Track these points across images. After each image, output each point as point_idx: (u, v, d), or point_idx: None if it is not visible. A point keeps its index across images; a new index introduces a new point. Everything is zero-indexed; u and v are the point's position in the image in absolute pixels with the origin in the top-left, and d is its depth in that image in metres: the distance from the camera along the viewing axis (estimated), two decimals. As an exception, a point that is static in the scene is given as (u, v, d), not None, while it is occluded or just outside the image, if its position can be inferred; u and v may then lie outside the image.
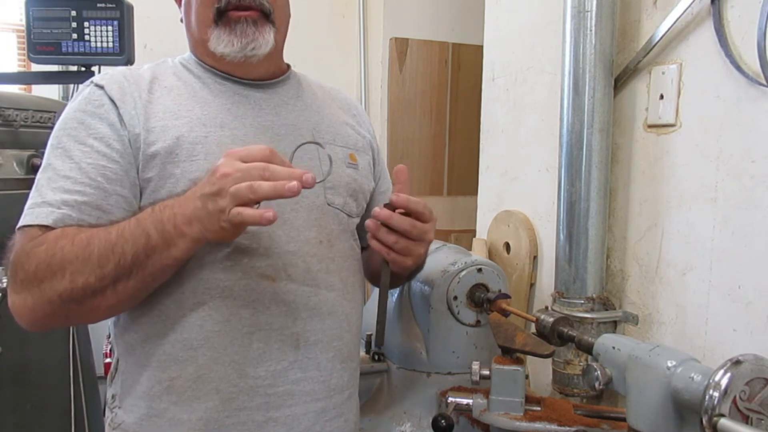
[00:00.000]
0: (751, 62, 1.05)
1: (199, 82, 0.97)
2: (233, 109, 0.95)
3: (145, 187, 0.89)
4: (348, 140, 1.05)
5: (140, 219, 0.82)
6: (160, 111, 0.92)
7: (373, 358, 1.25)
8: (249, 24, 0.93)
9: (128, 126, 0.89)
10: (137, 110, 0.90)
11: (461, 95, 3.06)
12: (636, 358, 0.78)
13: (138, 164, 0.89)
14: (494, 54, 1.75)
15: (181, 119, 0.91)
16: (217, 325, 0.88)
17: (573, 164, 1.28)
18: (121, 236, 0.80)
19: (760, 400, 0.68)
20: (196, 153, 0.89)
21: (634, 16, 1.29)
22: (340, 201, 0.99)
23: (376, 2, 3.01)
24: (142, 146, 0.88)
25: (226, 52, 0.93)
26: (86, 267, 0.79)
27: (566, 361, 1.27)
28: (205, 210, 0.78)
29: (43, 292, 0.80)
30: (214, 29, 0.93)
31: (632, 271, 1.31)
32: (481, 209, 1.81)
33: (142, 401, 0.90)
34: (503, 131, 1.70)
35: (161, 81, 0.96)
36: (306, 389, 0.92)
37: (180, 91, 0.95)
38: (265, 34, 0.94)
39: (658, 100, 1.23)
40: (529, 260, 1.56)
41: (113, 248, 0.80)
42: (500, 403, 1.01)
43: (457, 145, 3.09)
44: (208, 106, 0.94)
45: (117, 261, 0.79)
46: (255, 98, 0.98)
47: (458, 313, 1.17)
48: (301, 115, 1.01)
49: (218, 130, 0.92)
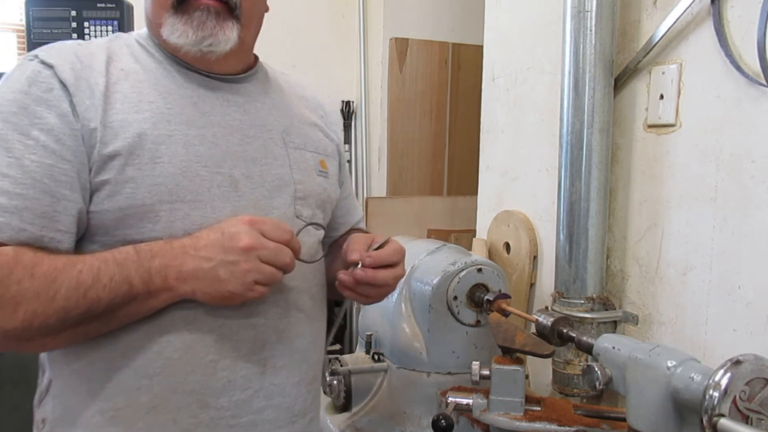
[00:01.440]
0: (751, 62, 1.05)
1: (160, 68, 0.86)
2: (200, 104, 0.85)
3: (98, 191, 0.78)
4: (318, 145, 0.99)
5: (122, 263, 0.73)
6: (118, 101, 0.80)
7: (373, 358, 1.25)
8: (210, 15, 0.82)
9: (82, 118, 0.77)
10: (94, 100, 0.78)
11: (461, 95, 3.06)
12: (636, 358, 0.78)
13: (91, 165, 0.77)
14: (494, 54, 1.75)
15: (142, 112, 0.81)
16: (177, 352, 0.80)
17: (573, 164, 1.28)
18: (98, 280, 0.72)
19: (760, 400, 0.68)
20: (159, 154, 0.79)
21: (634, 16, 1.29)
22: (309, 213, 0.92)
23: (376, 2, 3.01)
24: (98, 144, 0.77)
25: (180, 43, 0.82)
26: (48, 308, 0.70)
27: (566, 361, 1.27)
28: (214, 275, 0.74)
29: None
30: (170, 15, 0.82)
31: (632, 271, 1.31)
32: (481, 209, 1.81)
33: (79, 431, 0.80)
34: (503, 131, 1.70)
35: (117, 62, 0.84)
36: (270, 417, 0.86)
37: (140, 77, 0.84)
38: (227, 30, 0.83)
39: (658, 100, 1.23)
40: (529, 260, 1.56)
41: (86, 293, 0.71)
42: (500, 403, 1.01)
43: (457, 145, 3.09)
44: (172, 98, 0.84)
45: (88, 307, 0.72)
46: (222, 93, 0.89)
47: (458, 313, 1.17)
48: (270, 114, 0.94)
49: (184, 129, 0.82)
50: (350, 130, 3.09)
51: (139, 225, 0.78)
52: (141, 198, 0.77)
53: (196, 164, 0.82)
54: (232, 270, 0.74)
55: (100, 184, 0.78)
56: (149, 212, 0.78)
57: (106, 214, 0.78)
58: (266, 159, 0.89)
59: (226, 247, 0.75)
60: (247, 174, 0.86)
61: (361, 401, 1.23)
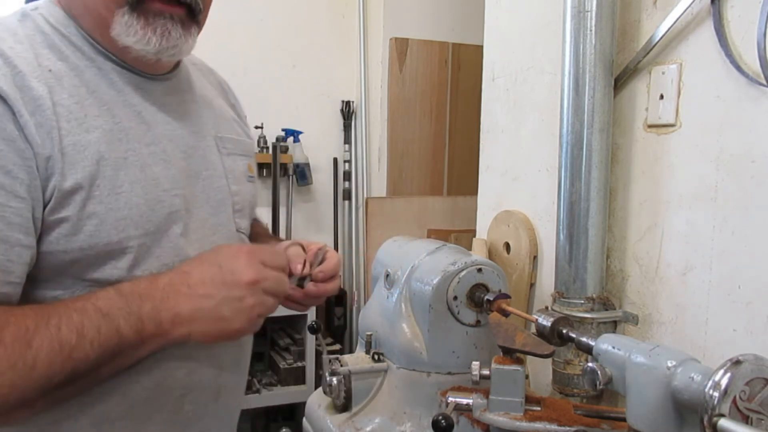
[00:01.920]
0: (751, 62, 1.05)
1: (92, 67, 0.73)
2: (143, 114, 0.76)
3: (53, 229, 0.67)
4: (244, 147, 0.93)
5: (107, 312, 0.64)
6: (63, 117, 0.67)
7: (373, 358, 1.25)
8: (175, 25, 0.74)
9: (33, 144, 0.64)
10: (41, 117, 0.65)
11: (461, 95, 3.06)
12: (636, 358, 0.78)
13: (47, 200, 0.66)
14: (494, 54, 1.75)
15: (92, 131, 0.69)
16: (145, 391, 0.73)
17: (573, 164, 1.28)
18: (82, 336, 0.61)
19: (760, 400, 0.68)
20: (120, 182, 0.70)
21: (634, 16, 1.29)
22: (245, 224, 0.88)
23: (376, 2, 3.01)
24: (56, 176, 0.65)
25: (137, 48, 0.72)
26: (28, 379, 0.59)
27: (566, 361, 1.27)
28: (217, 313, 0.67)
29: None
30: (126, 13, 0.71)
31: (632, 271, 1.31)
32: (481, 209, 1.81)
33: None
34: (503, 131, 1.70)
35: (43, 60, 0.69)
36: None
37: (73, 82, 0.70)
38: (190, 39, 0.77)
39: (658, 100, 1.23)
40: (529, 260, 1.56)
41: (71, 353, 0.60)
42: (500, 403, 1.00)
43: (457, 145, 3.09)
44: (116, 110, 0.73)
45: (74, 367, 0.61)
46: (158, 95, 0.80)
47: (458, 313, 1.17)
48: (201, 114, 0.87)
49: (137, 147, 0.73)
50: (350, 130, 3.10)
51: (101, 264, 0.69)
52: (106, 235, 0.68)
53: (156, 189, 0.74)
54: (238, 307, 0.68)
55: (57, 222, 0.67)
56: (114, 250, 0.69)
57: (61, 255, 0.67)
58: (207, 171, 0.83)
59: (228, 282, 0.68)
60: (194, 192, 0.80)
61: (361, 401, 1.23)
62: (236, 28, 2.91)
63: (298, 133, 2.96)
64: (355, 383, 1.22)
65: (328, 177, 3.12)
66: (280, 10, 2.98)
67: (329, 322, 3.01)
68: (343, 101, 3.10)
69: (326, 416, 1.25)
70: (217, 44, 2.87)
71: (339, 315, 3.01)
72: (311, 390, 2.54)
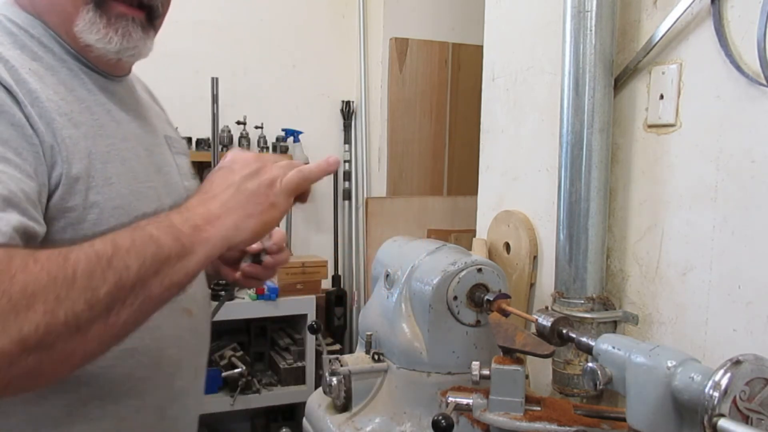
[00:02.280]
0: (751, 62, 1.05)
1: (64, 67, 0.75)
2: (113, 112, 0.79)
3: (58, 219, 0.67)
4: (184, 146, 0.97)
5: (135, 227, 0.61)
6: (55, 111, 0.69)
7: (373, 358, 1.25)
8: (135, 27, 0.76)
9: (38, 133, 0.65)
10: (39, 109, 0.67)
11: (461, 95, 3.06)
12: (636, 358, 0.78)
13: (52, 188, 0.66)
14: (494, 54, 1.75)
15: (79, 127, 0.71)
16: (146, 370, 0.76)
17: (573, 164, 1.28)
18: (118, 246, 0.58)
19: (760, 400, 0.68)
20: (109, 174, 0.73)
21: (634, 16, 1.29)
22: None
23: (376, 2, 3.01)
24: (61, 164, 0.67)
25: (99, 47, 0.75)
26: (72, 291, 0.55)
27: (566, 361, 1.27)
28: (246, 192, 0.65)
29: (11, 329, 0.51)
30: (90, 10, 0.74)
31: (632, 271, 1.31)
32: (481, 209, 1.81)
33: None
34: (503, 131, 1.70)
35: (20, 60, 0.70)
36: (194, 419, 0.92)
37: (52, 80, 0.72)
38: (148, 42, 0.79)
39: (658, 100, 1.23)
40: (529, 260, 1.56)
41: (110, 261, 0.57)
42: (500, 403, 1.01)
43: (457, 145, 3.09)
44: (93, 108, 0.75)
45: (118, 278, 0.57)
46: (119, 96, 0.82)
47: (458, 313, 1.17)
48: (151, 116, 0.91)
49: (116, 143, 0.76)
50: (350, 130, 3.10)
51: None
52: (106, 224, 0.69)
53: (135, 181, 0.77)
54: (259, 180, 0.66)
55: (65, 211, 0.67)
56: None
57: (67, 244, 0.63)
58: (166, 168, 0.87)
59: (237, 169, 0.67)
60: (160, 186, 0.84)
61: (361, 401, 1.23)
62: (236, 28, 2.91)
63: (298, 133, 2.96)
64: (355, 383, 1.22)
65: (328, 177, 3.11)
66: (280, 10, 2.98)
67: (329, 322, 3.01)
68: (343, 101, 3.10)
69: (326, 416, 1.25)
70: (217, 44, 2.88)
71: (339, 315, 3.01)
72: (311, 390, 2.54)
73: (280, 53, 3.01)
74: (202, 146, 2.78)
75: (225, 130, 2.81)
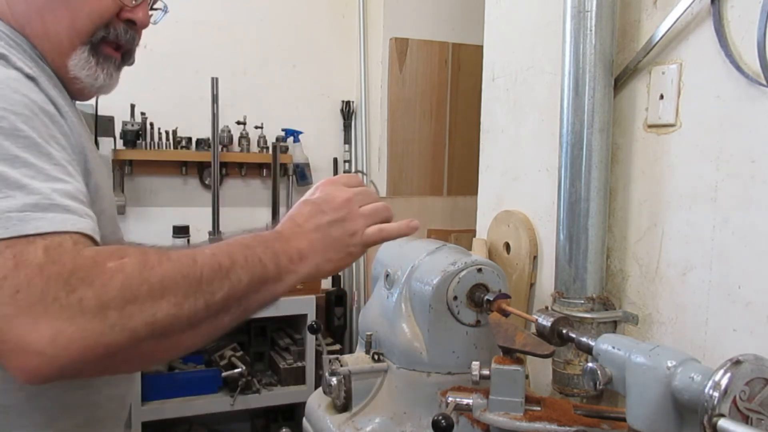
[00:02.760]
0: (751, 62, 1.05)
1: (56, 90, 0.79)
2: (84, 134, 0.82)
3: None
4: None
5: (248, 245, 0.70)
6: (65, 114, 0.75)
7: (373, 358, 1.25)
8: (115, 67, 0.85)
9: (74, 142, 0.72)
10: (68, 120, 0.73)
11: (461, 95, 3.06)
12: (636, 358, 0.78)
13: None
14: (494, 54, 1.75)
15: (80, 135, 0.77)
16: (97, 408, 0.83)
17: (573, 164, 1.28)
18: (234, 261, 0.67)
19: (760, 400, 0.68)
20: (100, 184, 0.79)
21: (634, 16, 1.29)
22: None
23: (376, 2, 3.01)
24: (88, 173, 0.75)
25: (86, 82, 0.83)
26: (197, 290, 0.63)
27: (566, 361, 1.27)
28: (330, 238, 0.74)
29: (126, 319, 0.58)
30: (86, 50, 0.82)
31: (632, 271, 1.31)
32: (481, 209, 1.81)
33: None
34: (503, 131, 1.70)
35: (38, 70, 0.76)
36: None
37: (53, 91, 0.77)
38: (118, 79, 0.88)
39: (658, 100, 1.23)
40: (529, 260, 1.56)
41: (228, 273, 0.65)
42: (500, 403, 1.00)
43: (457, 145, 3.09)
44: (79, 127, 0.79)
45: (231, 288, 0.65)
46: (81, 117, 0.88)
47: (458, 313, 1.17)
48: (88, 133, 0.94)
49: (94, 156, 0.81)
50: (350, 130, 3.10)
51: None
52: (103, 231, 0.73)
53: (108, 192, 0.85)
54: (344, 227, 0.75)
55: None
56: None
57: None
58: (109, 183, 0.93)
59: (326, 210, 0.76)
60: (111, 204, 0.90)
61: (361, 401, 1.23)
62: (236, 28, 2.91)
63: (298, 133, 2.96)
64: (355, 383, 1.22)
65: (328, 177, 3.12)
66: (280, 10, 2.98)
67: (329, 322, 3.01)
68: (343, 101, 3.10)
69: (326, 416, 1.25)
70: (217, 44, 2.88)
71: (339, 315, 3.01)
72: (311, 390, 2.53)
73: (280, 53, 3.01)
74: (202, 146, 2.78)
75: (225, 130, 2.81)
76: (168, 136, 2.74)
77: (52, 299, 0.56)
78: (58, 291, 0.56)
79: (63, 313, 0.56)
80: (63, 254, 0.59)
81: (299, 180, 2.96)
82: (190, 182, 2.89)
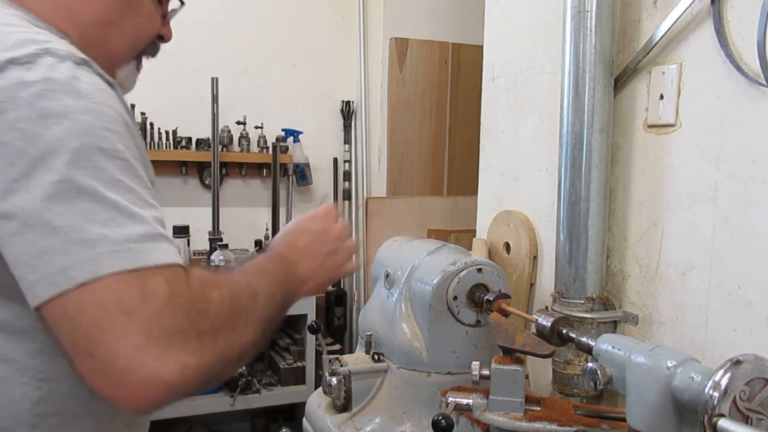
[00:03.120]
0: (751, 62, 1.05)
1: None
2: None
3: None
4: None
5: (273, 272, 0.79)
6: None
7: (373, 358, 1.25)
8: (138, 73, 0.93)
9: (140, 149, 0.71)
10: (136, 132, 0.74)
11: (461, 95, 3.06)
12: (636, 358, 0.78)
13: None
14: (494, 54, 1.75)
15: None
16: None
17: (573, 164, 1.28)
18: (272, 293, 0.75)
19: (760, 400, 0.68)
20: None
21: (634, 16, 1.29)
22: None
23: (376, 2, 3.01)
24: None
25: (127, 88, 0.89)
26: (256, 320, 0.70)
27: (566, 361, 1.27)
28: (325, 268, 0.88)
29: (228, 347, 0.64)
30: (131, 61, 0.88)
31: (632, 271, 1.31)
32: (481, 209, 1.81)
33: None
34: (503, 131, 1.70)
35: None
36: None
37: None
38: None
39: (658, 100, 1.23)
40: (529, 260, 1.56)
41: (273, 298, 0.75)
42: (500, 403, 1.01)
43: (457, 145, 3.09)
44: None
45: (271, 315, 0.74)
46: None
47: (458, 313, 1.17)
48: None
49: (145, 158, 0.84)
50: (350, 130, 3.10)
51: None
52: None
53: None
54: (335, 258, 0.89)
55: None
56: None
57: None
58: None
59: (324, 241, 0.89)
60: None
61: (361, 401, 1.23)
62: (236, 28, 2.91)
63: (298, 133, 2.96)
64: (355, 383, 1.22)
65: (328, 177, 3.12)
66: (280, 10, 2.98)
67: (329, 322, 3.01)
68: (343, 101, 3.10)
69: (326, 416, 1.25)
70: (218, 44, 2.88)
71: (339, 315, 3.01)
72: (311, 390, 2.54)
73: (280, 53, 3.01)
74: (202, 146, 2.78)
75: (225, 130, 2.81)
76: (168, 136, 2.74)
77: (178, 331, 0.59)
78: (183, 323, 0.60)
79: (187, 344, 0.59)
80: (181, 286, 0.61)
81: (299, 180, 2.96)
82: (190, 182, 2.89)
